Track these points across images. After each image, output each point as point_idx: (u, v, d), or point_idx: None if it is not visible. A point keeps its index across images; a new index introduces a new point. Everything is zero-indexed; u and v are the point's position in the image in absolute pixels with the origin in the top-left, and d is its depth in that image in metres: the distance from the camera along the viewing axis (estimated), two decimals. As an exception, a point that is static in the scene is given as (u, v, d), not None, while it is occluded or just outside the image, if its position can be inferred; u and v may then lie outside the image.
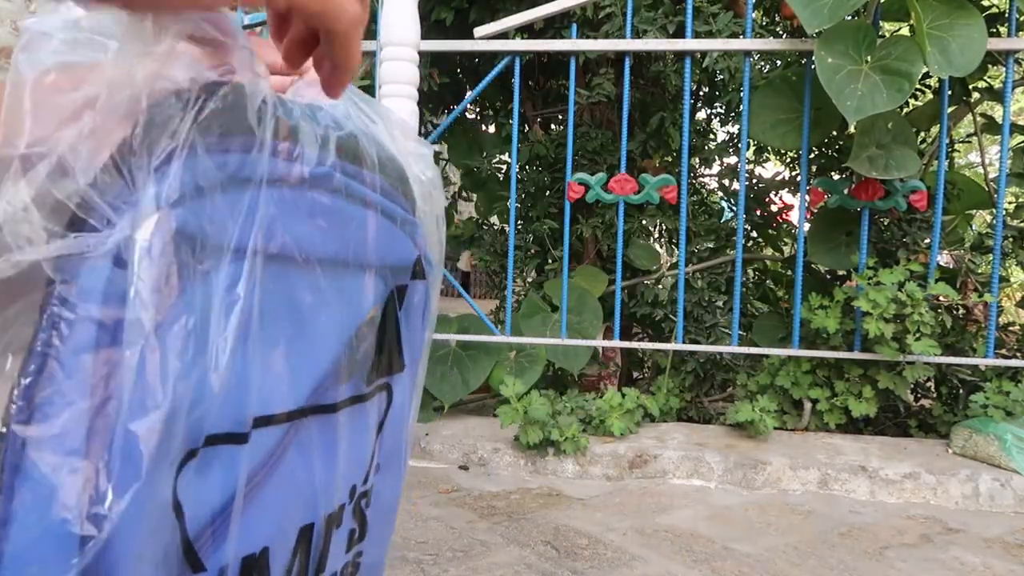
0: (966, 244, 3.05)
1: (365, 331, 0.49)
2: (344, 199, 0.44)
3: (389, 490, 0.57)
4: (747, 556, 1.71)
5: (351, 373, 0.48)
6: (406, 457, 0.59)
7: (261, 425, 0.40)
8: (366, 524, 0.53)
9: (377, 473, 0.54)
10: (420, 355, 0.57)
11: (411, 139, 0.55)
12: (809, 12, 2.17)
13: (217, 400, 0.36)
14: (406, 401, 0.56)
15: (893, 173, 2.30)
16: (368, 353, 0.50)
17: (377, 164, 0.47)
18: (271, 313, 0.40)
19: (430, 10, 3.04)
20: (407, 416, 0.57)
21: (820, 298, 2.55)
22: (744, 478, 2.21)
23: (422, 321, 0.57)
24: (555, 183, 3.29)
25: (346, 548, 0.51)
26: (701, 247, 3.18)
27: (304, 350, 0.43)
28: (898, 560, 1.71)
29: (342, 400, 0.47)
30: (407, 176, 0.52)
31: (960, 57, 2.14)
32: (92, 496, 0.30)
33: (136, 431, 0.31)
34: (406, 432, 0.57)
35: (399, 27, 2.29)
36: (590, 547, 1.73)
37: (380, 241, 0.49)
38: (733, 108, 3.51)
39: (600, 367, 2.99)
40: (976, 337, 2.70)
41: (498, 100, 3.74)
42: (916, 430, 2.64)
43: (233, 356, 0.36)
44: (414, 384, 0.57)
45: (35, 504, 0.30)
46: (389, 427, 0.55)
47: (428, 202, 0.55)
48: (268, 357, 0.40)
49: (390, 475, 0.56)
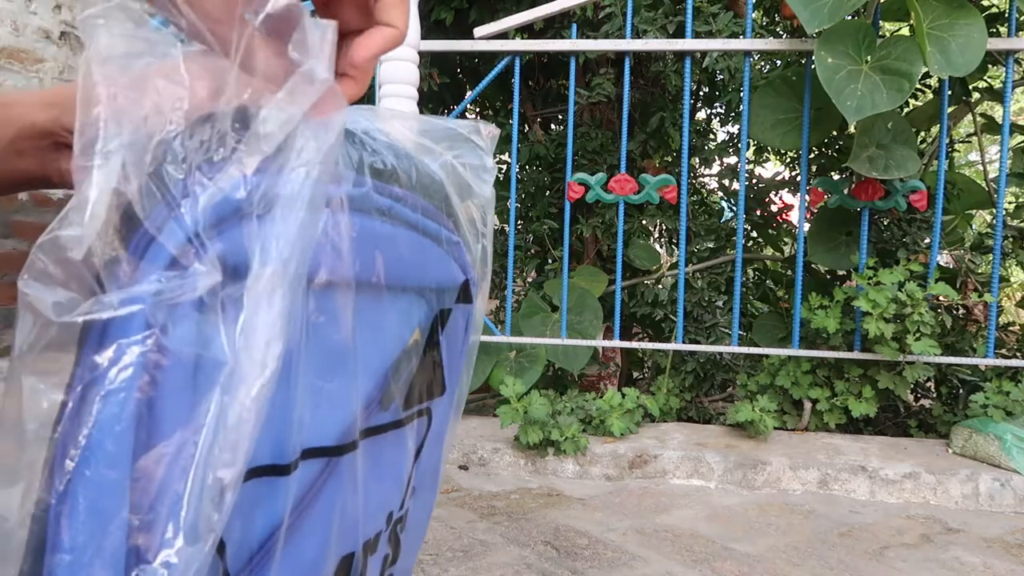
0: (966, 244, 3.05)
1: (408, 355, 0.48)
2: (385, 220, 0.43)
3: (422, 511, 0.56)
4: (747, 556, 1.70)
5: (393, 399, 0.47)
6: (439, 476, 0.57)
7: (309, 457, 0.39)
8: (399, 548, 0.52)
9: (412, 496, 0.53)
10: (460, 377, 0.56)
11: (470, 154, 0.53)
12: (809, 12, 2.17)
13: (261, 430, 0.34)
14: (444, 423, 0.55)
15: (893, 173, 2.30)
16: (409, 378, 0.49)
17: (416, 183, 0.46)
18: (317, 340, 0.38)
19: (430, 10, 3.04)
20: (443, 438, 0.56)
21: (820, 298, 2.55)
22: (744, 478, 2.21)
23: (463, 344, 0.55)
24: (555, 183, 3.29)
25: (380, 573, 0.50)
26: (701, 247, 3.18)
27: (351, 378, 0.42)
28: (898, 560, 1.71)
29: (384, 425, 0.46)
30: (449, 194, 0.50)
31: (960, 57, 2.14)
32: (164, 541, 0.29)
33: (223, 478, 0.30)
34: (442, 453, 0.56)
35: (399, 27, 2.29)
36: (590, 547, 1.73)
37: (424, 263, 0.47)
38: (733, 108, 3.51)
39: (600, 367, 2.99)
40: (976, 337, 2.70)
41: (498, 100, 3.74)
42: (916, 430, 2.64)
43: (278, 386, 0.34)
44: (452, 406, 0.56)
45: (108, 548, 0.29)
46: (426, 451, 0.53)
47: (481, 222, 0.54)
48: (315, 386, 0.39)
49: (423, 496, 0.55)
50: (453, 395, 0.55)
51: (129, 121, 0.30)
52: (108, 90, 0.30)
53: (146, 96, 0.31)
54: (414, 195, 0.45)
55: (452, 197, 0.50)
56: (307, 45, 0.34)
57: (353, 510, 0.44)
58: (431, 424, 0.53)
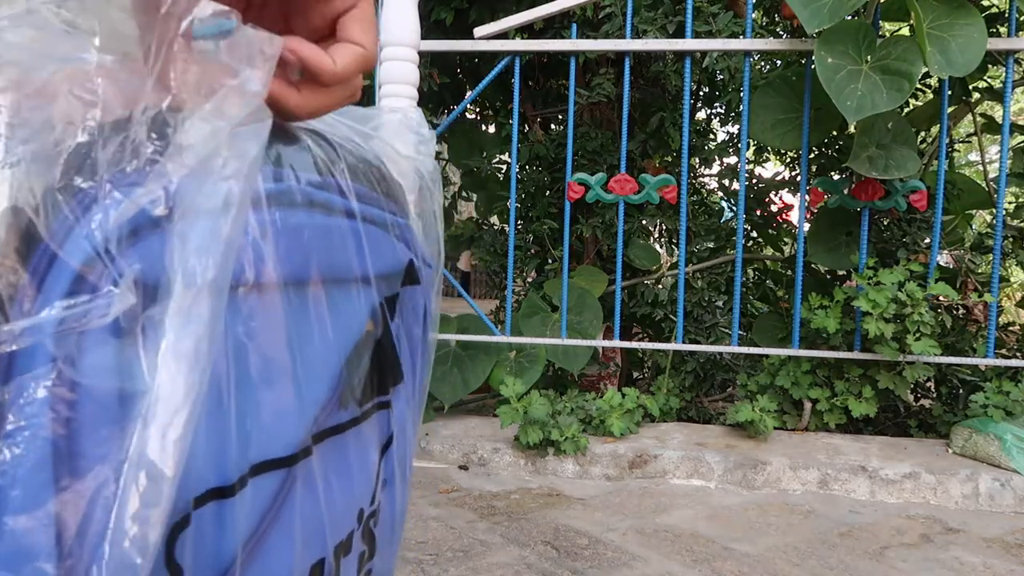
0: (966, 244, 3.05)
1: (361, 349, 0.46)
2: (316, 212, 0.41)
3: (396, 502, 0.55)
4: (747, 556, 1.70)
5: (351, 396, 0.45)
6: (410, 462, 0.57)
7: (262, 471, 0.37)
8: (375, 542, 0.51)
9: (384, 490, 0.52)
10: (421, 361, 0.55)
11: (409, 129, 0.52)
12: (809, 12, 2.17)
13: (201, 455, 0.33)
14: (406, 412, 0.54)
15: (893, 173, 2.30)
16: (365, 371, 0.47)
17: (348, 169, 0.44)
18: (250, 350, 0.37)
19: (430, 10, 3.04)
20: (408, 427, 0.55)
21: (820, 298, 2.55)
22: (744, 478, 2.21)
23: (423, 326, 0.55)
24: (555, 183, 3.29)
25: (356, 571, 0.49)
26: (701, 247, 3.18)
27: (296, 383, 0.40)
28: (898, 560, 1.71)
29: (344, 424, 0.45)
30: (388, 174, 0.50)
31: (960, 57, 2.14)
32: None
33: (149, 516, 0.28)
34: (410, 443, 0.56)
35: (399, 27, 2.29)
36: (590, 547, 1.73)
37: (367, 251, 0.46)
38: (733, 108, 3.51)
39: (600, 367, 2.99)
40: (976, 337, 2.70)
41: (498, 100, 3.74)
42: (916, 430, 2.64)
43: (211, 407, 0.33)
44: (416, 392, 0.55)
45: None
46: (395, 442, 0.52)
47: (427, 198, 0.53)
48: (259, 397, 0.37)
49: (396, 488, 0.54)
50: (415, 383, 0.54)
51: (33, 132, 0.29)
52: (10, 99, 0.29)
53: (54, 105, 0.29)
54: (347, 181, 0.44)
55: (390, 177, 0.50)
56: (244, 56, 0.32)
57: (317, 515, 0.42)
58: (393, 414, 0.52)
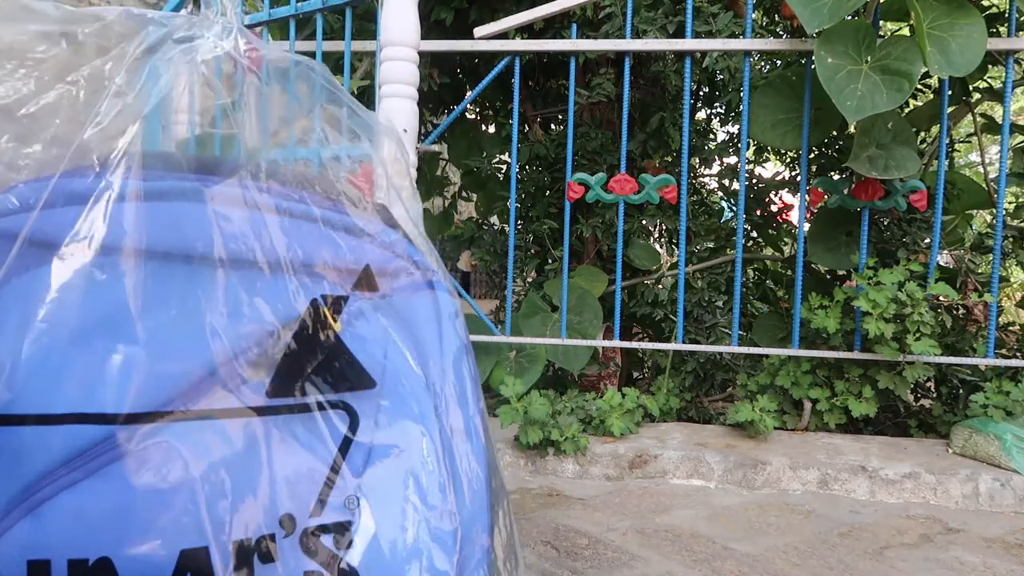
0: (966, 244, 3.05)
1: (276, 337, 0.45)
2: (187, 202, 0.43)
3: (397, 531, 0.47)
4: (747, 556, 1.70)
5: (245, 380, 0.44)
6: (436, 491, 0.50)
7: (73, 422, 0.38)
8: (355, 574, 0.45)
9: (362, 510, 0.46)
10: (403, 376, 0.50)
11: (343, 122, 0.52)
12: (809, 12, 2.17)
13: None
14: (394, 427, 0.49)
15: (893, 173, 2.30)
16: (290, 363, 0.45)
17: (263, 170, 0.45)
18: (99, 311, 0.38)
19: (430, 10, 3.04)
20: (411, 447, 0.49)
21: (820, 298, 2.55)
22: (744, 478, 2.21)
23: (438, 332, 0.52)
24: (555, 183, 3.28)
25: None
26: (701, 247, 3.18)
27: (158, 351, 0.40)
28: (898, 560, 1.71)
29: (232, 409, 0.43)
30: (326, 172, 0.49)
31: (960, 57, 2.14)
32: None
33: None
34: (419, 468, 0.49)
35: (399, 27, 2.29)
36: (590, 547, 1.73)
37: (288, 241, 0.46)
38: (733, 108, 3.51)
39: (600, 367, 2.99)
40: (976, 337, 2.70)
41: (498, 100, 3.74)
42: (916, 430, 2.64)
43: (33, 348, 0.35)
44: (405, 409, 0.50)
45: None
46: (378, 458, 0.47)
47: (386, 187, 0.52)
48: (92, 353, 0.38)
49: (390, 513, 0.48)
50: (399, 394, 0.50)
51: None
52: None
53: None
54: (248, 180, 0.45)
55: (330, 175, 0.49)
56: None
57: (184, 498, 0.40)
58: (360, 422, 0.48)
